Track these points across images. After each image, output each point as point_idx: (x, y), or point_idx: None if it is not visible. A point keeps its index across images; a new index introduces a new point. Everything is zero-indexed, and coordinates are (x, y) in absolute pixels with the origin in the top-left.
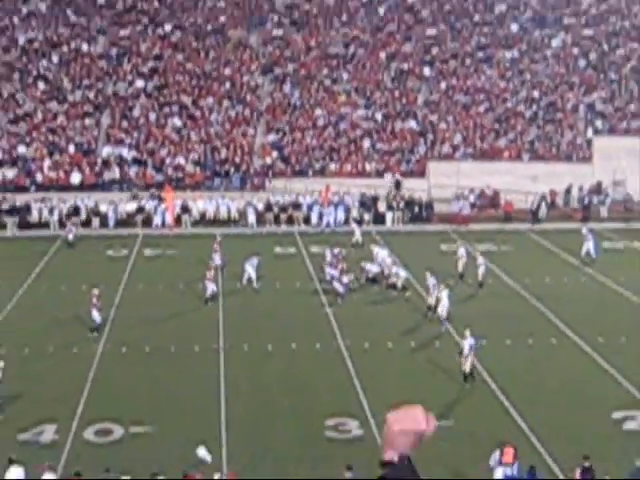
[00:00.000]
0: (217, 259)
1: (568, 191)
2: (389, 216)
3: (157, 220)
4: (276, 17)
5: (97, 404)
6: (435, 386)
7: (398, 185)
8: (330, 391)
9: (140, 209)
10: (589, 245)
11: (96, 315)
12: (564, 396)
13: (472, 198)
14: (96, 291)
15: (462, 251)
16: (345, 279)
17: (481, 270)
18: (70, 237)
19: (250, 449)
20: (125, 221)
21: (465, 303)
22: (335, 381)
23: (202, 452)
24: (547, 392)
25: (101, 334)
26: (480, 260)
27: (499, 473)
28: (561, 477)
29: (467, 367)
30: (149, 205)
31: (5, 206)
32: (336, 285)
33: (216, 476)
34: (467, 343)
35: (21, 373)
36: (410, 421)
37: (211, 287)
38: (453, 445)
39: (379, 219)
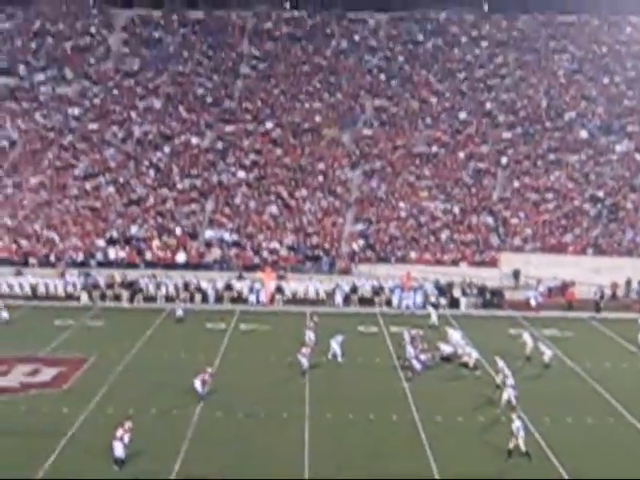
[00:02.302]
0: (312, 336)
1: (628, 283)
2: (463, 301)
3: (252, 298)
4: (366, 118)
5: (192, 462)
6: (496, 459)
7: (517, 275)
8: (404, 458)
9: (228, 287)
10: None
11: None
12: (618, 471)
13: (542, 288)
14: (209, 369)
15: (526, 336)
16: (423, 357)
17: (547, 353)
18: (180, 313)
19: None
20: (222, 297)
21: (530, 383)
22: (408, 449)
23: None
24: (604, 466)
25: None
26: (544, 347)
27: None
28: None
29: (522, 446)
30: (242, 284)
31: (124, 280)
32: (414, 362)
33: None
34: (515, 425)
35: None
36: None
37: (304, 361)
38: None
39: (454, 303)
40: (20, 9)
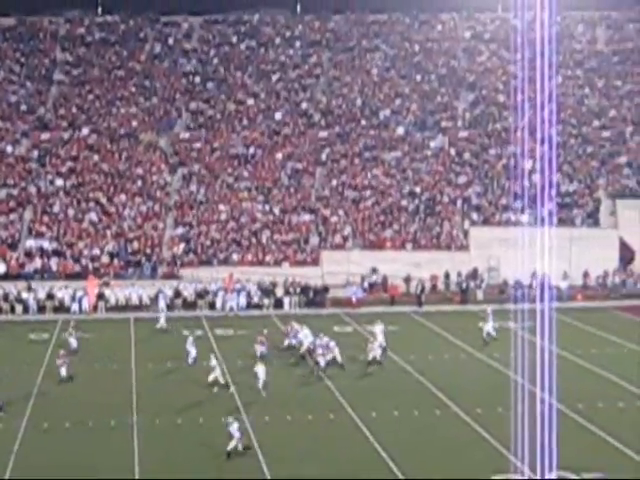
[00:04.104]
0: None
1: (447, 276)
2: (286, 301)
3: (74, 307)
4: (183, 121)
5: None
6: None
7: (374, 271)
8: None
9: (50, 296)
10: (489, 326)
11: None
12: (448, 462)
13: (365, 284)
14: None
15: (378, 328)
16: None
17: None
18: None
19: None
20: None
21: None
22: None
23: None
24: (432, 458)
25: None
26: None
27: None
28: None
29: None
30: (63, 293)
31: None
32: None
33: None
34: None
35: None
36: None
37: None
38: None
39: (278, 304)
40: None
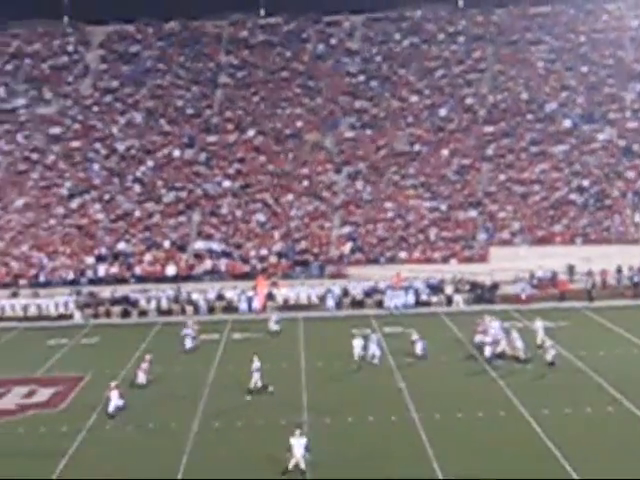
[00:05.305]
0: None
1: (619, 270)
2: (457, 298)
3: (243, 307)
4: (348, 120)
5: (193, 474)
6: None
7: (572, 269)
8: (404, 459)
9: (220, 296)
10: None
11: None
12: (621, 460)
13: (534, 280)
14: (148, 357)
15: (539, 324)
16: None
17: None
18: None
19: None
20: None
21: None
22: (410, 450)
23: None
24: (606, 457)
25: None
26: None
27: None
28: None
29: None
30: (232, 293)
31: (115, 296)
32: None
33: None
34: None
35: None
36: None
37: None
38: None
39: (447, 301)
40: None
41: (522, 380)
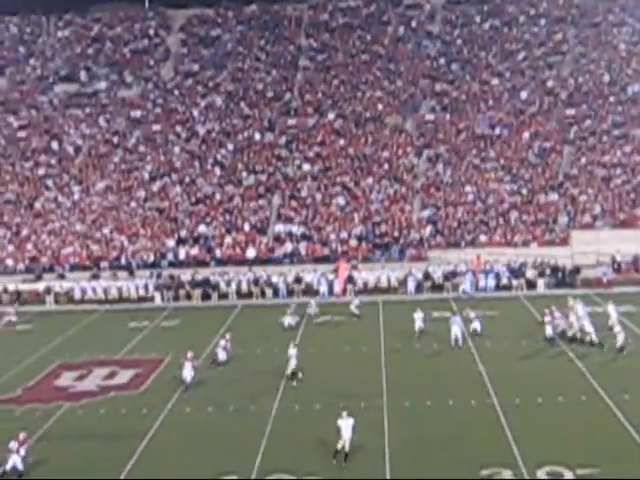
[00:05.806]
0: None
1: None
2: (539, 282)
3: (323, 289)
4: (428, 103)
5: (271, 459)
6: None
7: None
8: (484, 443)
9: (298, 280)
10: None
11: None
12: None
13: (615, 264)
14: (227, 335)
15: (611, 307)
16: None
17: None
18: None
19: None
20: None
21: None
22: (488, 434)
23: None
24: None
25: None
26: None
27: None
28: None
29: None
30: (312, 277)
31: (196, 278)
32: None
33: None
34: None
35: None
36: None
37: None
38: None
39: (528, 285)
40: (77, 16)
41: (601, 364)
